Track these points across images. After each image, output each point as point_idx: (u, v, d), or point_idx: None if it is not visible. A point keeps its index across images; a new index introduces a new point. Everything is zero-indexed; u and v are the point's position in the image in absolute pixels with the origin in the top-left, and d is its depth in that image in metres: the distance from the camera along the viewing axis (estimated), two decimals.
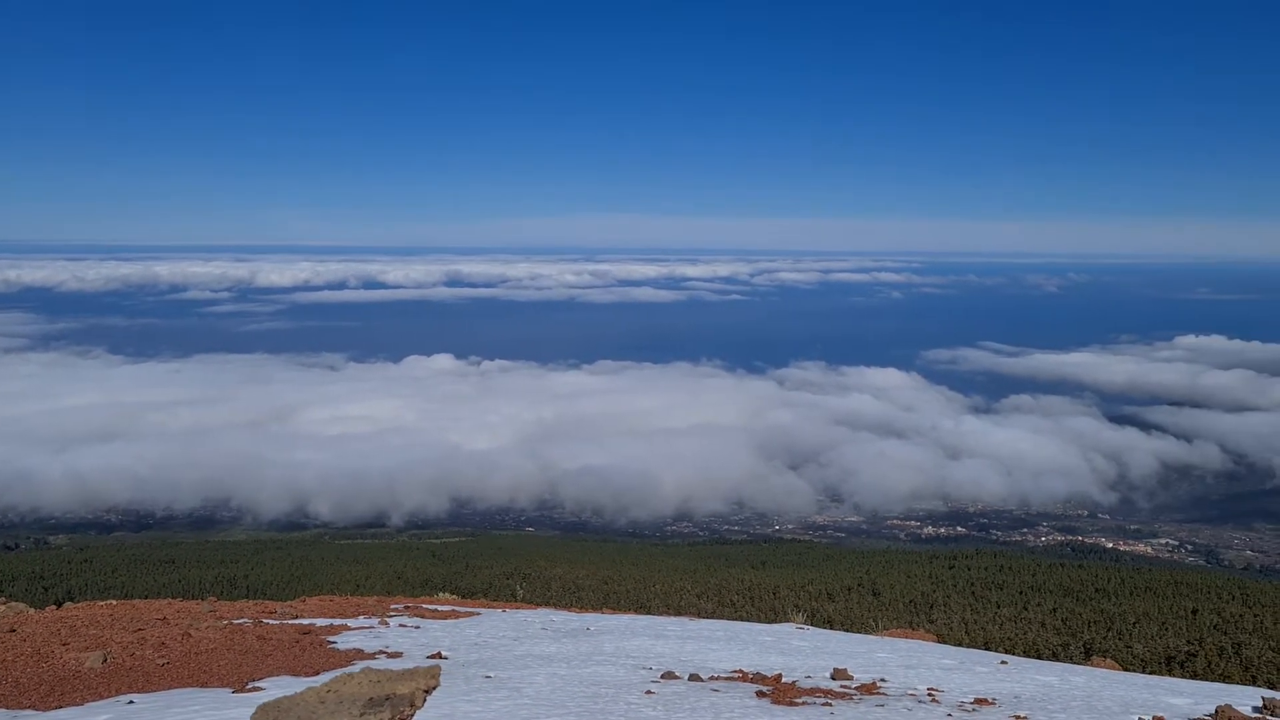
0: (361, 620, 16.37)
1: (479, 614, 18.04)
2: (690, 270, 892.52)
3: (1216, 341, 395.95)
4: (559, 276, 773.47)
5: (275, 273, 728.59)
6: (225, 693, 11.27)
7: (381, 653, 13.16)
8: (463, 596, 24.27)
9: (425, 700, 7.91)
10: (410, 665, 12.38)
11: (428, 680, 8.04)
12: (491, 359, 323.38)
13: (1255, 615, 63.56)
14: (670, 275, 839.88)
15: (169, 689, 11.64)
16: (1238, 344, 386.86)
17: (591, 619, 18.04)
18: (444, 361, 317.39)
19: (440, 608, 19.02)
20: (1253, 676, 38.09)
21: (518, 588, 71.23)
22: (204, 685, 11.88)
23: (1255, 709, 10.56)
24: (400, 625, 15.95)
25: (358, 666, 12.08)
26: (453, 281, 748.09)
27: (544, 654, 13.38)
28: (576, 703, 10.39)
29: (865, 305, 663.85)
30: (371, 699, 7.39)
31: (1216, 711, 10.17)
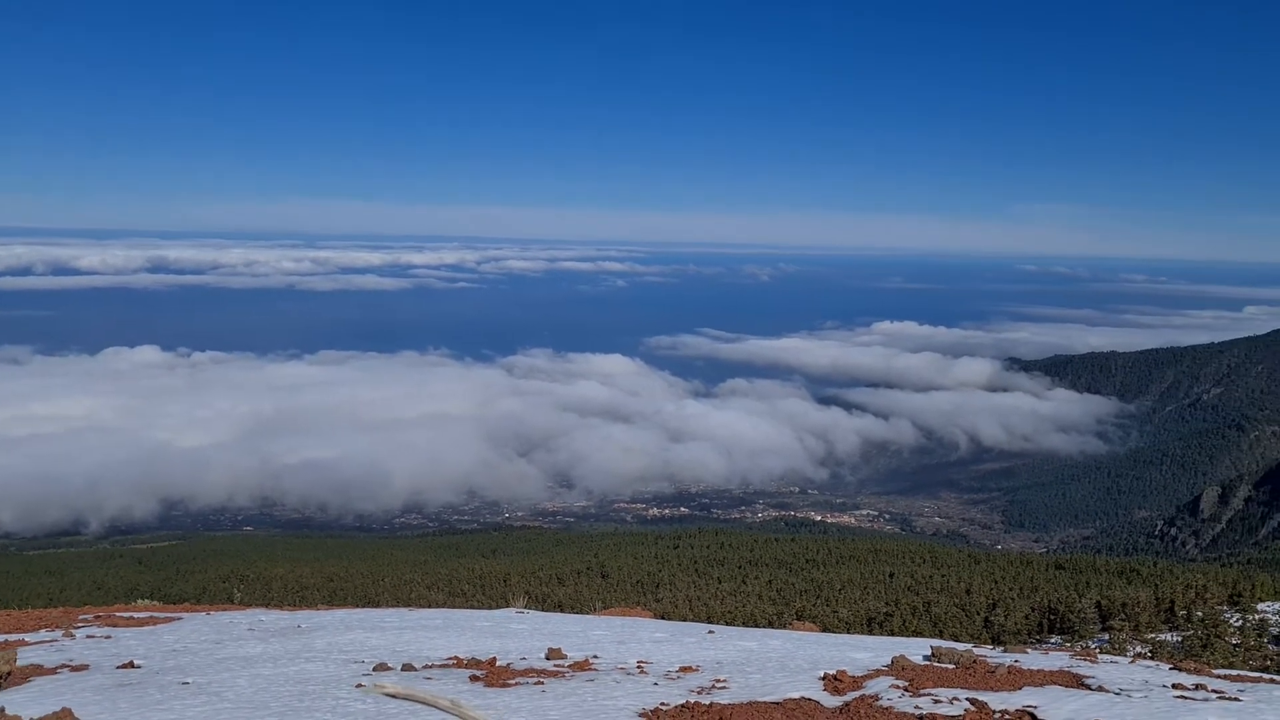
0: (43, 634, 15.00)
1: (180, 619, 16.98)
2: (416, 258, 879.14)
3: (908, 327, 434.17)
4: (276, 263, 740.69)
5: None
6: None
7: (64, 666, 12.11)
8: (170, 604, 22.75)
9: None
10: (99, 678, 11.50)
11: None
12: (203, 350, 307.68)
13: (942, 575, 70.21)
14: (395, 263, 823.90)
15: None
16: (926, 329, 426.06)
17: (304, 616, 17.39)
18: (149, 354, 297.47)
19: (137, 615, 17.73)
20: (940, 631, 41.93)
21: (235, 591, 67.77)
22: None
23: (925, 657, 11.70)
24: (88, 636, 14.73)
25: (35, 683, 11.10)
26: (157, 268, 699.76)
27: (248, 655, 12.78)
28: (281, 702, 10.02)
29: (591, 293, 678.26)
30: None
31: (893, 662, 11.17)
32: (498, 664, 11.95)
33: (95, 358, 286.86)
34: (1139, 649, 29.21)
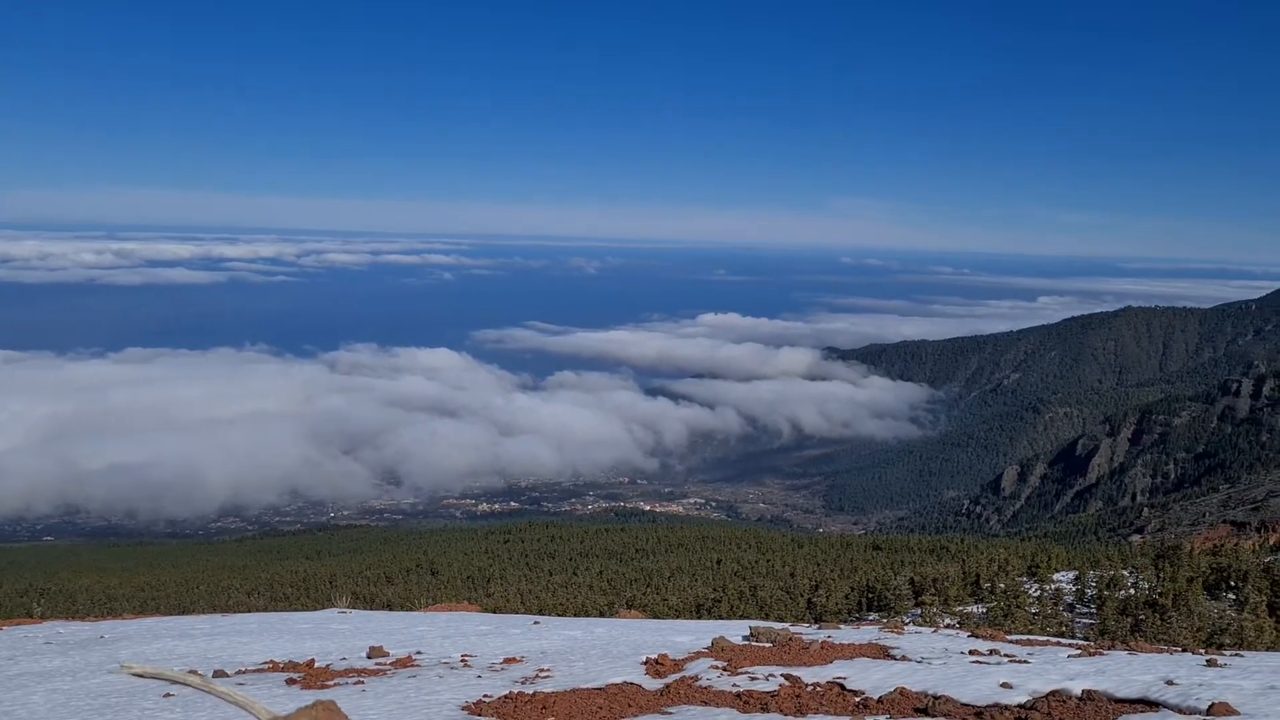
0: None
1: None
2: (230, 250, 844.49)
3: (732, 319, 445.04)
4: (75, 256, 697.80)
5: None
6: None
7: None
8: None
9: None
10: None
11: None
12: None
13: (767, 560, 72.34)
14: (207, 256, 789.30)
15: None
16: (749, 320, 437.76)
17: (107, 626, 16.50)
18: None
19: None
20: (766, 614, 43.17)
21: (35, 605, 63.55)
22: None
23: (744, 637, 12.10)
24: None
25: None
26: None
27: (45, 670, 12.04)
28: (81, 717, 9.49)
29: (417, 286, 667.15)
30: None
31: (713, 643, 11.48)
32: (316, 665, 11.65)
33: None
34: (948, 621, 30.91)
